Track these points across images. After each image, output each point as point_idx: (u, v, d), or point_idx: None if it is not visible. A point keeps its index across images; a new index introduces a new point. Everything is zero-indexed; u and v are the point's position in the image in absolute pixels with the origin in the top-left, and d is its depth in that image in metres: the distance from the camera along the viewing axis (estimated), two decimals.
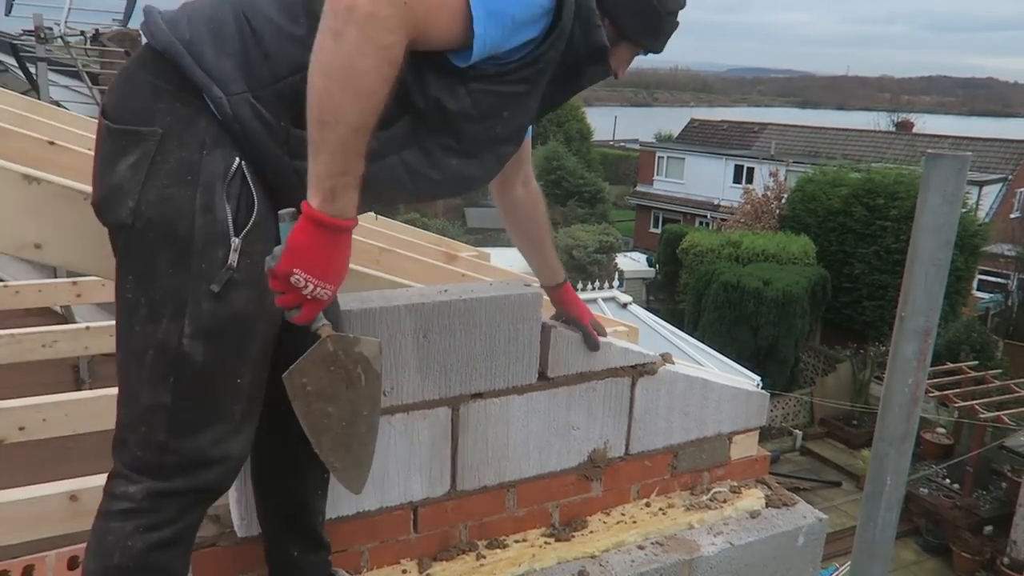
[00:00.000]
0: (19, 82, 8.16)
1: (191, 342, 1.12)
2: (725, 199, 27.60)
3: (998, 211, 24.74)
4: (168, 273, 1.11)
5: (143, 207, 1.10)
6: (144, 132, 1.11)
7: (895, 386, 1.56)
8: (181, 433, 1.15)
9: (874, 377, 15.88)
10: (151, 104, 1.13)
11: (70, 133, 2.04)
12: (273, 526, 1.54)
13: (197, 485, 1.18)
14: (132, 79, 1.16)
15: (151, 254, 1.11)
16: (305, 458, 1.49)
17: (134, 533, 1.14)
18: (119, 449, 1.17)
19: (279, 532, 1.53)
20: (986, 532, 11.90)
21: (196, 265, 1.11)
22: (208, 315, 1.13)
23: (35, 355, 2.82)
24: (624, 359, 1.93)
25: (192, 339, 1.12)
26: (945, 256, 1.48)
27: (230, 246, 1.13)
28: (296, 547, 1.53)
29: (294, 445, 1.47)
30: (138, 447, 1.15)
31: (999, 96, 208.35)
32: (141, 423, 1.14)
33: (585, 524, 1.97)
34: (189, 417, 1.15)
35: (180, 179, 1.11)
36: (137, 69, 1.17)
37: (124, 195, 1.11)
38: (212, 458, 1.18)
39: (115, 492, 1.16)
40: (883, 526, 1.63)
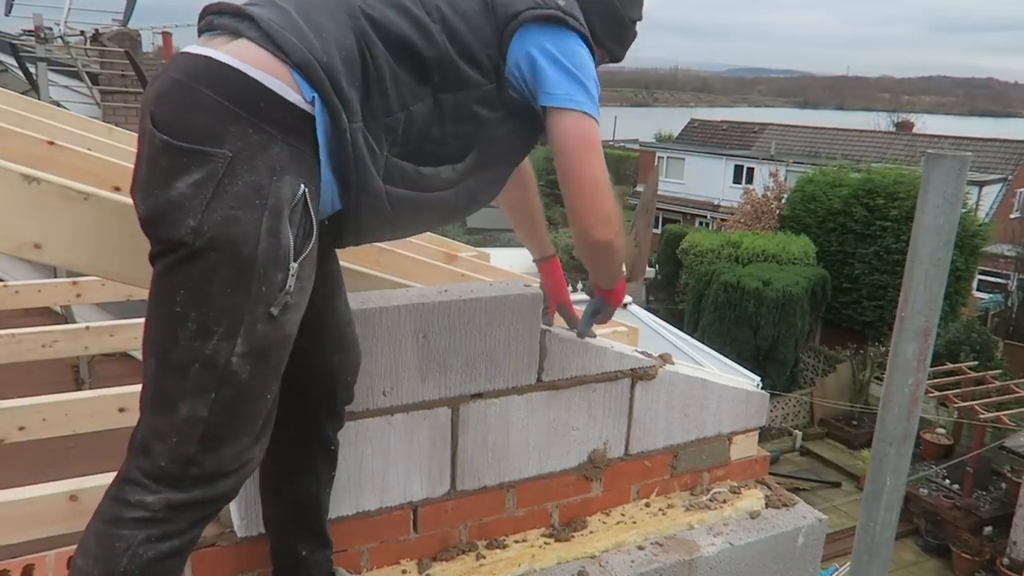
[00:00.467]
0: (19, 82, 8.16)
1: (240, 360, 1.13)
2: (725, 199, 27.61)
3: (998, 211, 24.76)
4: (226, 292, 1.11)
5: (206, 227, 1.09)
6: (213, 153, 1.10)
7: (895, 386, 1.56)
8: (210, 447, 1.15)
9: (874, 377, 15.87)
10: (221, 126, 1.11)
11: (70, 133, 2.04)
12: (283, 526, 1.54)
13: (213, 496, 1.18)
14: (196, 97, 1.12)
15: (210, 272, 1.10)
16: (317, 454, 1.50)
17: (146, 542, 1.13)
18: (139, 456, 1.15)
19: (289, 532, 1.53)
20: (986, 533, 11.90)
21: (256, 287, 1.12)
22: (262, 336, 1.14)
23: (35, 355, 2.82)
24: (620, 363, 1.93)
25: (242, 358, 1.13)
26: (945, 256, 1.48)
27: (289, 271, 1.15)
28: (305, 546, 1.53)
29: (307, 442, 1.48)
30: (163, 457, 1.13)
31: (999, 96, 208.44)
32: (172, 434, 1.13)
33: (585, 524, 1.97)
34: (220, 432, 1.15)
35: (248, 202, 1.10)
36: (201, 87, 1.12)
37: (184, 213, 1.09)
38: (231, 470, 1.19)
39: (129, 499, 1.14)
40: (883, 526, 1.63)
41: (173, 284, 1.12)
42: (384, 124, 1.28)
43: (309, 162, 1.20)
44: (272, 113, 1.14)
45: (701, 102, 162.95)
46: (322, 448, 1.51)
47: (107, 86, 8.29)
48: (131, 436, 1.18)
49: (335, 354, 1.45)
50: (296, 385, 1.41)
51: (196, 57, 1.16)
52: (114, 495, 1.16)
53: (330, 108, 1.19)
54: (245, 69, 1.14)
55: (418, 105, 1.32)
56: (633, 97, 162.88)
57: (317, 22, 1.22)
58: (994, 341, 16.37)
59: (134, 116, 8.34)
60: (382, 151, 1.28)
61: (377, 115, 1.26)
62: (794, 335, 16.05)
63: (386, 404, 1.66)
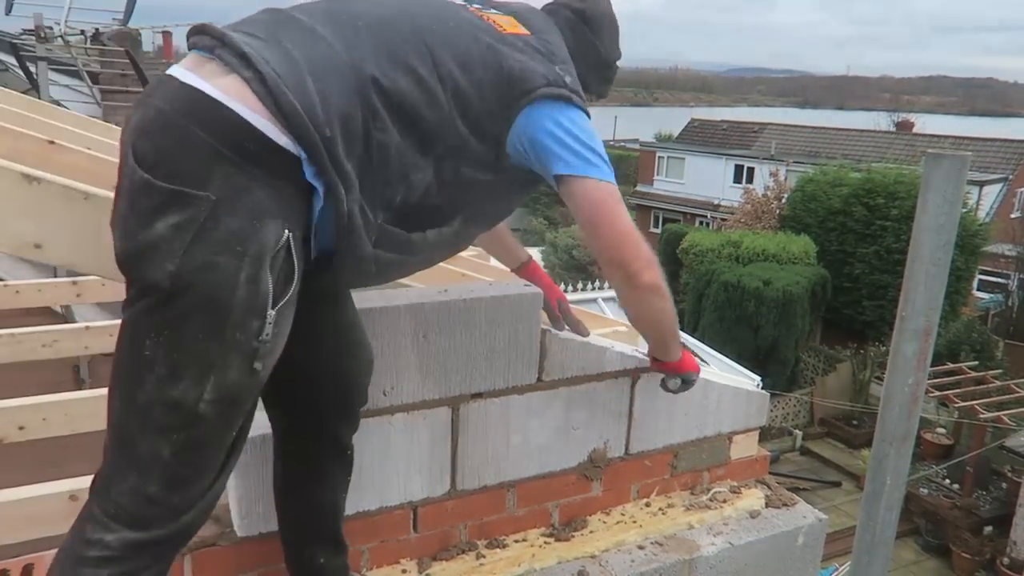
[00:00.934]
0: (19, 81, 8.15)
1: (208, 406, 1.10)
2: (725, 199, 27.58)
3: (998, 211, 24.73)
4: (198, 339, 1.08)
5: (184, 272, 1.05)
6: (195, 196, 1.05)
7: (895, 386, 1.56)
8: (172, 486, 1.13)
9: (874, 377, 15.87)
10: (206, 167, 1.06)
11: (70, 132, 2.04)
12: (301, 535, 1.53)
13: (175, 532, 1.16)
14: (183, 135, 1.07)
15: (184, 318, 1.07)
16: (335, 460, 1.50)
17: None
18: (99, 495, 1.14)
19: (307, 541, 1.53)
20: (986, 532, 11.90)
21: (231, 334, 1.09)
22: (233, 384, 1.11)
23: (35, 355, 2.82)
24: (620, 363, 1.93)
25: (210, 404, 1.10)
26: (945, 256, 1.48)
27: (266, 318, 1.11)
28: (324, 553, 1.53)
29: (323, 450, 1.47)
30: (123, 496, 1.11)
31: (999, 96, 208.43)
32: (132, 473, 1.11)
33: (585, 524, 1.97)
34: (183, 471, 1.13)
35: (229, 248, 1.06)
36: (187, 123, 1.07)
37: (162, 256, 1.05)
38: (192, 506, 1.17)
39: (89, 538, 1.12)
40: (883, 526, 1.63)
41: (144, 326, 1.09)
42: (380, 193, 1.25)
43: (297, 205, 1.15)
44: (259, 155, 1.09)
45: (701, 102, 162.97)
46: (339, 454, 1.50)
47: (107, 85, 8.30)
48: (95, 474, 1.16)
49: (343, 358, 1.44)
50: (309, 394, 1.41)
51: (185, 87, 1.10)
52: (76, 532, 1.14)
53: (327, 181, 1.15)
54: (233, 106, 1.08)
55: (417, 175, 1.29)
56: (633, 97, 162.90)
57: (324, 87, 1.15)
58: (994, 341, 16.36)
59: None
60: (376, 219, 1.25)
61: (375, 187, 1.23)
62: (794, 335, 16.04)
63: (386, 404, 1.66)
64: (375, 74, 1.21)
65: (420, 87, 1.25)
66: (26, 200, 1.29)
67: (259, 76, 1.10)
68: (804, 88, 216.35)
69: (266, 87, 1.10)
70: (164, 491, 1.12)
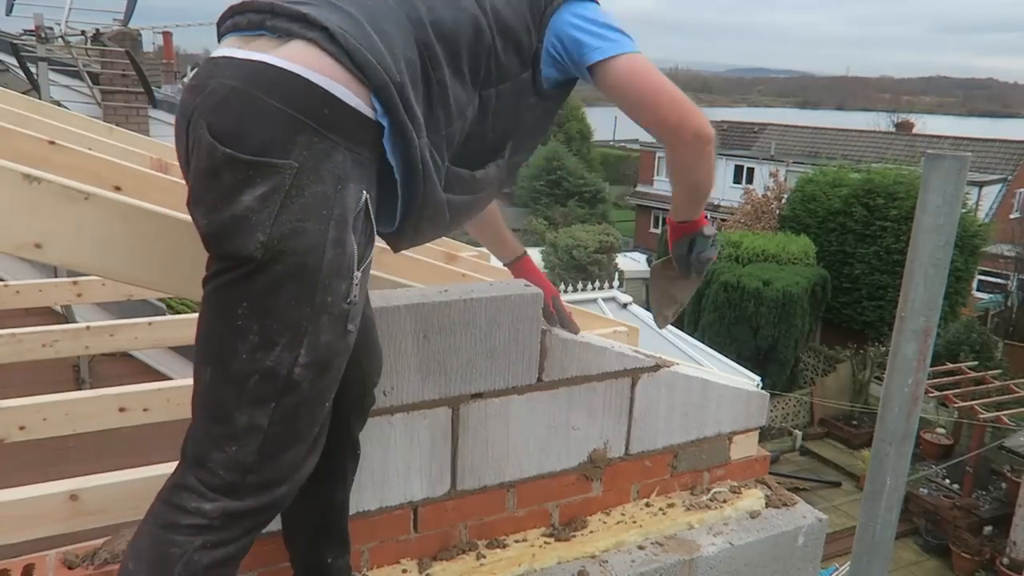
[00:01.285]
0: (20, 82, 8.15)
1: (303, 371, 1.12)
2: (725, 199, 27.59)
3: (998, 211, 24.76)
4: (291, 304, 1.09)
5: (275, 240, 1.07)
6: (279, 164, 1.06)
7: (895, 386, 1.56)
8: (269, 456, 1.14)
9: (874, 377, 15.88)
10: (287, 136, 1.07)
11: (71, 133, 2.04)
12: (310, 536, 1.53)
13: (269, 503, 1.17)
14: (258, 106, 1.08)
15: (275, 285, 1.09)
16: (348, 459, 1.50)
17: (202, 548, 1.12)
18: (195, 466, 1.14)
19: (316, 541, 1.53)
20: (986, 532, 11.91)
21: (320, 298, 1.10)
22: (325, 346, 1.13)
23: (35, 355, 2.82)
24: (621, 363, 1.93)
25: (305, 368, 1.12)
26: (945, 256, 1.48)
27: (352, 279, 1.13)
28: (331, 553, 1.53)
29: (338, 447, 1.47)
30: (221, 467, 1.12)
31: (999, 96, 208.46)
32: (231, 443, 1.12)
33: (585, 524, 1.97)
34: (280, 441, 1.15)
35: (315, 213, 1.08)
36: (263, 95, 1.08)
37: (252, 227, 1.06)
38: (287, 477, 1.18)
39: (186, 506, 1.12)
40: (883, 526, 1.63)
41: (235, 297, 1.10)
42: (444, 135, 1.28)
43: (370, 168, 1.18)
44: (336, 120, 1.11)
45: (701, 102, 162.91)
46: (351, 452, 1.51)
47: (108, 86, 8.30)
48: (184, 442, 1.17)
49: (363, 357, 1.44)
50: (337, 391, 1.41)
51: (251, 63, 1.11)
52: (169, 500, 1.14)
53: (400, 127, 1.17)
54: (309, 75, 1.10)
55: (469, 108, 1.34)
56: None
57: (388, 35, 1.18)
58: (994, 341, 16.38)
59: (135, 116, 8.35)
60: (444, 162, 1.29)
61: (439, 128, 1.27)
62: (794, 335, 16.06)
63: (386, 404, 1.66)
64: (422, 13, 1.25)
65: (464, 16, 1.30)
66: (26, 200, 1.29)
67: (327, 34, 1.12)
68: (804, 88, 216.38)
69: (336, 44, 1.11)
70: (261, 461, 1.13)
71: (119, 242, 1.36)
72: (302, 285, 1.09)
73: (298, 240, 1.08)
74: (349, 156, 1.13)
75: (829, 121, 47.35)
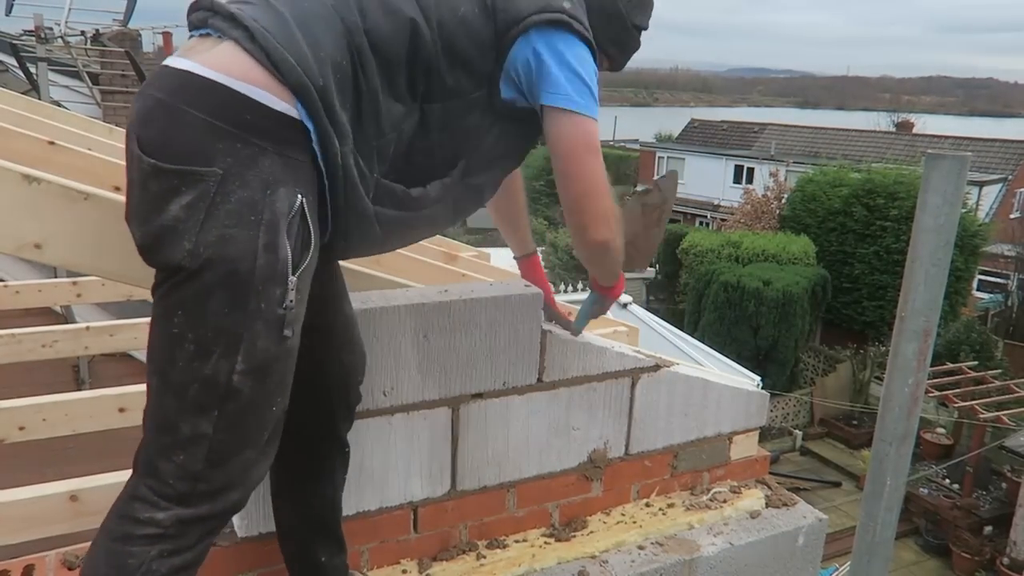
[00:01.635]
0: (19, 82, 8.16)
1: (241, 378, 1.12)
2: (725, 199, 27.61)
3: (998, 211, 24.76)
4: (224, 312, 1.10)
5: (201, 248, 1.07)
6: (202, 172, 1.07)
7: (895, 386, 1.56)
8: (216, 463, 1.15)
9: (874, 377, 15.88)
10: (208, 144, 1.08)
11: (70, 133, 2.04)
12: (302, 535, 1.53)
13: (222, 509, 1.18)
14: (179, 116, 1.09)
15: (206, 293, 1.09)
16: (334, 457, 1.50)
17: (159, 557, 1.13)
18: (147, 476, 1.15)
19: (308, 540, 1.53)
20: (986, 532, 11.90)
21: (254, 304, 1.10)
22: (262, 352, 1.13)
23: (35, 355, 2.82)
24: (621, 364, 1.93)
25: (243, 375, 1.12)
26: (945, 256, 1.48)
27: (287, 285, 1.13)
28: (325, 552, 1.53)
29: (323, 445, 1.48)
30: (171, 476, 1.14)
31: (999, 96, 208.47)
32: (178, 452, 1.13)
33: (585, 524, 1.97)
34: (226, 447, 1.15)
35: (243, 219, 1.08)
36: (184, 105, 1.09)
37: (179, 236, 1.07)
38: (238, 483, 1.19)
39: (139, 517, 1.14)
40: (883, 526, 1.63)
41: (171, 305, 1.11)
42: (375, 145, 1.25)
43: (307, 171, 1.16)
44: (259, 125, 1.11)
45: (701, 102, 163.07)
46: (338, 450, 1.51)
47: (107, 86, 8.30)
48: (136, 453, 1.18)
49: (345, 355, 1.45)
50: (310, 389, 1.41)
51: (176, 73, 1.12)
52: (123, 512, 1.16)
53: (322, 132, 1.16)
54: (227, 82, 1.10)
55: (408, 121, 1.29)
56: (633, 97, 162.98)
57: (315, 37, 1.16)
58: (994, 341, 16.38)
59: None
60: (372, 172, 1.25)
61: (368, 137, 1.24)
62: (794, 335, 16.05)
63: (386, 404, 1.66)
64: (358, 19, 1.21)
65: (404, 28, 1.25)
66: (26, 200, 1.29)
67: (247, 33, 1.12)
68: (804, 88, 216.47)
69: (255, 43, 1.12)
70: (210, 468, 1.14)
71: (119, 242, 1.36)
72: (234, 292, 1.09)
73: (227, 247, 1.08)
74: (278, 160, 1.12)
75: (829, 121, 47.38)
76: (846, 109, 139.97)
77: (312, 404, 1.42)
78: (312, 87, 1.13)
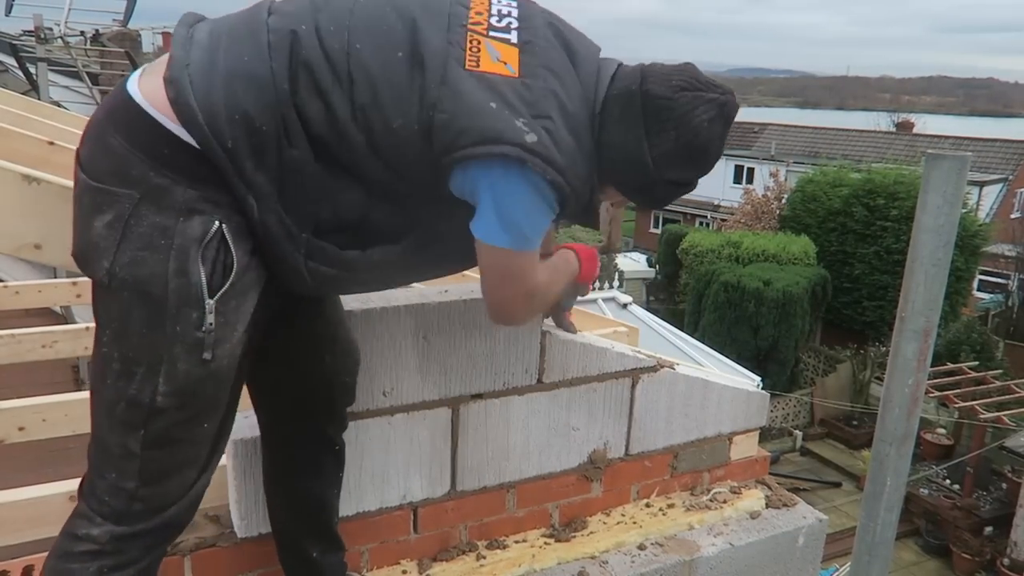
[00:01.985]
0: (19, 82, 8.16)
1: (165, 399, 1.13)
2: (725, 199, 27.59)
3: (998, 211, 24.75)
4: (142, 333, 1.11)
5: (117, 268, 1.09)
6: (120, 194, 1.10)
7: (895, 386, 1.56)
8: (150, 481, 1.16)
9: (874, 377, 15.87)
10: (125, 169, 1.10)
11: (70, 133, 2.04)
12: (292, 529, 1.54)
13: (161, 524, 1.19)
14: (107, 138, 1.12)
15: (125, 313, 1.11)
16: (322, 456, 1.50)
17: (98, 573, 1.15)
18: (86, 493, 1.18)
19: (298, 535, 1.53)
20: (986, 533, 11.90)
21: (171, 327, 1.11)
22: (184, 375, 1.13)
23: (35, 355, 2.82)
24: (621, 364, 1.93)
25: (166, 396, 1.13)
26: (945, 256, 1.48)
27: (204, 308, 1.12)
28: (316, 548, 1.53)
29: (308, 445, 1.48)
30: (106, 493, 1.15)
31: (999, 96, 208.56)
32: (110, 470, 1.15)
33: (585, 525, 1.97)
34: (159, 466, 1.16)
35: (153, 243, 1.10)
36: (111, 130, 1.12)
37: (100, 254, 1.10)
38: (175, 499, 1.20)
39: (77, 533, 1.16)
40: (883, 527, 1.63)
41: (100, 323, 1.14)
42: (307, 210, 1.20)
43: (226, 198, 1.14)
44: (176, 159, 1.11)
45: None
46: (326, 449, 1.51)
47: (107, 86, 8.30)
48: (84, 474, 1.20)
49: (326, 356, 1.44)
50: (291, 391, 1.41)
51: (119, 92, 1.16)
52: (66, 529, 1.18)
53: (233, 189, 1.14)
54: (153, 113, 1.11)
55: (346, 195, 1.22)
56: None
57: (237, 97, 1.12)
58: (994, 341, 16.37)
59: None
60: (302, 232, 1.20)
61: (298, 201, 1.19)
62: (794, 335, 16.05)
63: (386, 404, 1.66)
64: (288, 92, 1.15)
65: (331, 123, 1.17)
66: (26, 200, 1.30)
67: (173, 79, 1.12)
68: (804, 88, 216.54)
69: (174, 90, 1.11)
70: (142, 486, 1.15)
71: None
72: (149, 314, 1.11)
73: (138, 269, 1.10)
74: (195, 191, 1.12)
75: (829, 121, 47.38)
76: (846, 109, 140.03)
77: (291, 404, 1.43)
78: (218, 147, 1.11)
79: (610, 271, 19.45)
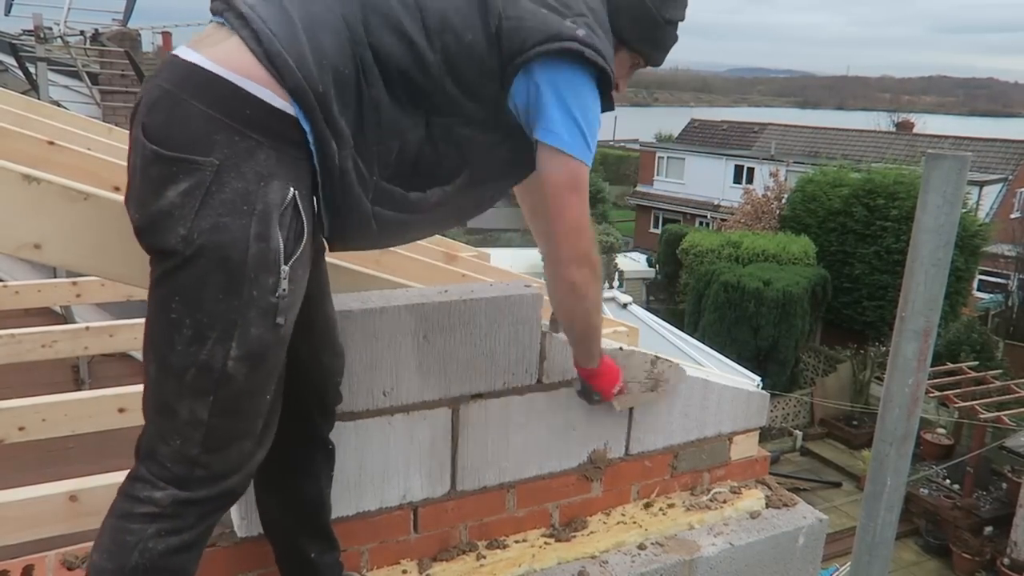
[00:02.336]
0: (19, 82, 8.16)
1: (236, 364, 1.15)
2: (725, 199, 27.60)
3: (998, 211, 24.74)
4: (218, 298, 1.13)
5: (195, 235, 1.11)
6: (200, 161, 1.11)
7: (895, 386, 1.56)
8: (213, 448, 1.18)
9: (874, 377, 15.87)
10: (207, 135, 1.12)
11: (70, 133, 2.04)
12: (288, 530, 1.54)
13: (220, 493, 1.21)
14: (183, 107, 1.13)
15: (201, 279, 1.12)
16: (316, 454, 1.51)
17: (156, 536, 1.16)
18: (146, 458, 1.19)
19: (296, 536, 1.54)
20: (986, 533, 11.90)
21: (247, 291, 1.14)
22: (256, 339, 1.16)
23: (35, 355, 2.82)
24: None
25: (237, 361, 1.15)
26: (945, 256, 1.48)
27: (280, 274, 1.16)
28: (314, 548, 1.54)
29: (304, 442, 1.48)
30: (168, 459, 1.17)
31: (999, 96, 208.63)
32: (175, 437, 1.17)
33: (585, 524, 1.97)
34: (222, 433, 1.18)
35: (236, 209, 1.12)
36: (188, 97, 1.13)
37: (174, 222, 1.11)
38: (236, 469, 1.22)
39: (138, 495, 1.17)
40: (883, 526, 1.63)
41: (168, 291, 1.14)
42: (376, 150, 1.28)
43: (300, 165, 1.20)
44: (259, 120, 1.15)
45: (701, 102, 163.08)
46: (320, 448, 1.51)
47: (107, 86, 8.30)
48: (138, 438, 1.20)
49: (324, 354, 1.46)
50: (288, 386, 1.41)
51: (184, 64, 1.16)
52: (125, 491, 1.20)
53: (319, 136, 1.19)
54: (230, 77, 1.14)
55: (413, 132, 1.32)
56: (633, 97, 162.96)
57: (320, 43, 1.20)
58: (994, 341, 16.38)
59: None
60: (372, 175, 1.28)
61: (369, 142, 1.27)
62: (794, 335, 16.05)
63: (386, 404, 1.66)
64: (367, 36, 1.24)
65: (410, 49, 1.27)
66: (26, 200, 1.29)
67: (254, 34, 1.16)
68: (804, 88, 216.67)
69: (261, 44, 1.15)
70: (206, 454, 1.17)
71: (118, 242, 1.36)
72: (227, 279, 1.13)
73: (220, 235, 1.11)
74: (274, 154, 1.16)
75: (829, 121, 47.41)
76: (846, 109, 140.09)
77: (288, 400, 1.43)
78: (311, 92, 1.17)
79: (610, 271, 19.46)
